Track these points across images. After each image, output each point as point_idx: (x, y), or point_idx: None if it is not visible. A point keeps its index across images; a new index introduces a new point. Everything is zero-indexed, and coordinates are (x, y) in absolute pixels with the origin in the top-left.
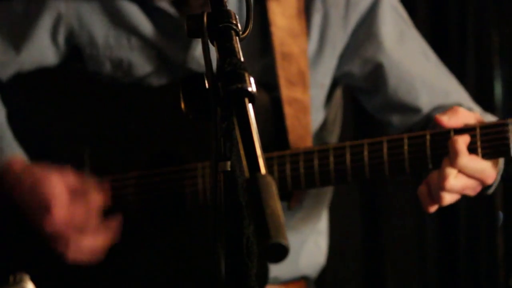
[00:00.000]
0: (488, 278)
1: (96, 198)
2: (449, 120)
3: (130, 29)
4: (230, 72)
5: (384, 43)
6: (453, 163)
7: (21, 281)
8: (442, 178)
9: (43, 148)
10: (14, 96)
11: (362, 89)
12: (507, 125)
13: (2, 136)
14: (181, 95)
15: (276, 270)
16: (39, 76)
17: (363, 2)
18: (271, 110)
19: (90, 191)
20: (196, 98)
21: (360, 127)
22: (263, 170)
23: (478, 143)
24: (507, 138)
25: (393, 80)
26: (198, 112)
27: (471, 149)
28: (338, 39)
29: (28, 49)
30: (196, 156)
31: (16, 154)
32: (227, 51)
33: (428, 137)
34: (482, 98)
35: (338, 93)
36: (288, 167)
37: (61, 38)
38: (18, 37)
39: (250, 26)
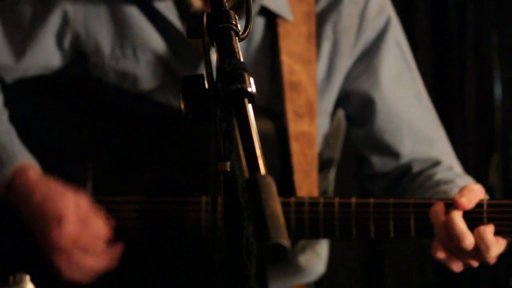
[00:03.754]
0: (488, 278)
1: (104, 227)
2: (469, 203)
3: (138, 41)
4: (229, 73)
5: (381, 80)
6: (486, 256)
7: (21, 281)
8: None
9: (45, 161)
10: (16, 106)
11: (351, 118)
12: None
13: (12, 141)
14: (181, 96)
15: (276, 282)
16: (42, 83)
17: (370, 32)
18: (277, 145)
19: (99, 219)
20: (196, 99)
21: None
22: (262, 170)
23: (485, 220)
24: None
25: (381, 119)
26: (198, 113)
27: (479, 224)
28: (345, 66)
29: (33, 53)
30: (202, 187)
31: (29, 160)
32: (226, 52)
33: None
34: (482, 98)
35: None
36: (293, 216)
37: (66, 43)
38: (24, 41)
39: (250, 26)
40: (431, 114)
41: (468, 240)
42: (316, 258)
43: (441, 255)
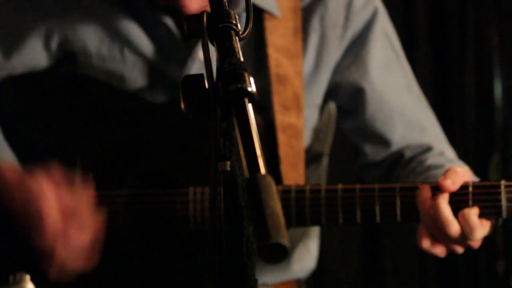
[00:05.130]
0: (487, 277)
1: (90, 219)
2: (453, 185)
3: (124, 41)
4: (230, 72)
5: (369, 70)
6: (470, 238)
7: (21, 281)
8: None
9: (34, 156)
10: (4, 100)
11: (342, 110)
12: (499, 187)
13: None
14: (181, 95)
15: (266, 277)
16: (31, 80)
17: (357, 24)
18: (264, 136)
19: (83, 210)
20: (196, 98)
21: None
22: (263, 170)
23: (470, 202)
24: (499, 200)
25: (372, 108)
26: (198, 112)
27: (464, 206)
28: (333, 59)
29: (20, 55)
30: (189, 179)
31: (5, 158)
32: (227, 51)
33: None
34: (482, 98)
35: (331, 103)
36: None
37: (54, 45)
38: (11, 43)
39: (250, 26)
40: (421, 102)
41: (454, 227)
42: (307, 254)
43: (426, 244)
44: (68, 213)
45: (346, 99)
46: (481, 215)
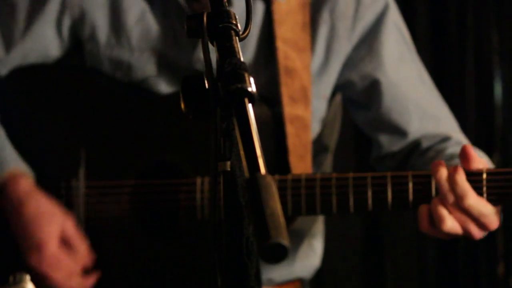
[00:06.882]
0: (487, 278)
1: (86, 253)
2: (473, 162)
3: (133, 30)
4: (230, 72)
5: (384, 62)
6: (460, 202)
7: (21, 281)
8: (440, 219)
9: (38, 147)
10: (10, 93)
11: (356, 102)
12: None
13: (3, 146)
14: (181, 95)
15: (271, 272)
16: (37, 73)
17: (369, 16)
18: (272, 128)
19: (83, 245)
20: (196, 98)
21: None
22: (263, 170)
23: (484, 189)
24: None
25: (388, 99)
26: (198, 112)
27: (478, 193)
28: (343, 51)
29: (32, 40)
30: (195, 170)
31: (20, 168)
32: (227, 51)
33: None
34: (482, 98)
35: (338, 97)
36: (289, 192)
37: (65, 30)
38: (19, 32)
39: (250, 26)
40: (435, 94)
41: (469, 200)
42: (312, 253)
43: (426, 226)
44: (65, 240)
45: (361, 92)
46: (489, 201)
